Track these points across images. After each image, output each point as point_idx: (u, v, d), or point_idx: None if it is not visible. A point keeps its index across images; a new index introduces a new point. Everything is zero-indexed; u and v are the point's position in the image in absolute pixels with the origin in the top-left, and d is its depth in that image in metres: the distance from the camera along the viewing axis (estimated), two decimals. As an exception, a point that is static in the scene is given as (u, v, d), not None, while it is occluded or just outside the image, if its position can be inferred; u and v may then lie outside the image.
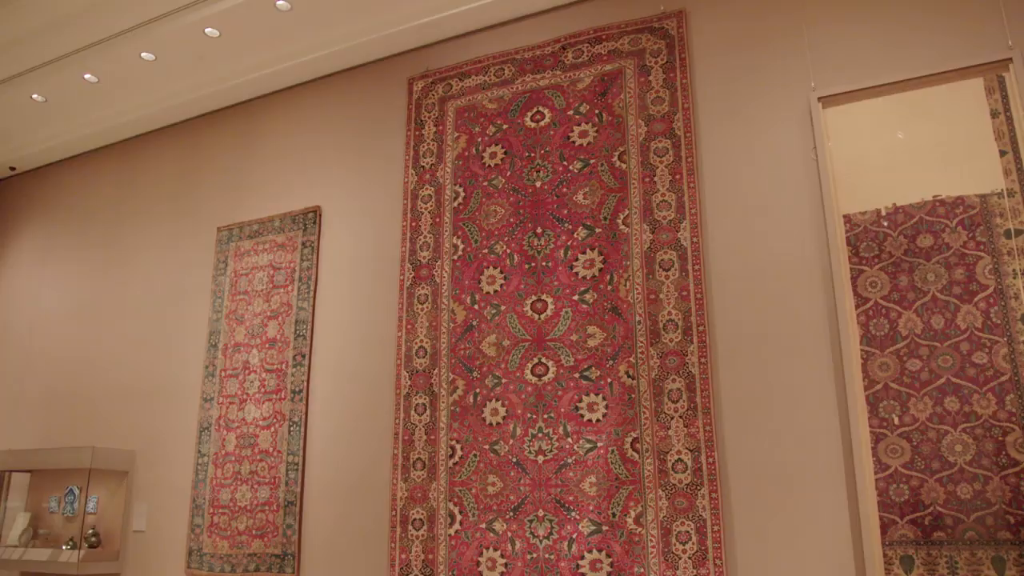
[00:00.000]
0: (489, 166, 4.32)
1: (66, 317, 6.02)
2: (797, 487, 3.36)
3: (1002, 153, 3.29)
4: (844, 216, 3.47)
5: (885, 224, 3.40)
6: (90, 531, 5.19)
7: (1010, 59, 3.31)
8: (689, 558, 3.41)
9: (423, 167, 4.54)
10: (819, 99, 3.60)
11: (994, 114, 3.34)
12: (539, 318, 3.97)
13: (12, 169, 6.67)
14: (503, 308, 4.06)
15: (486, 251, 4.19)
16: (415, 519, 4.03)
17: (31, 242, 6.48)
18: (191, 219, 5.55)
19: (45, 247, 6.37)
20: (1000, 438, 3.05)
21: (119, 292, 5.77)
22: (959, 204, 3.30)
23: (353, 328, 4.61)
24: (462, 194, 4.36)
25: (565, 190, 4.08)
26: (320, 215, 4.92)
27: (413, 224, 4.46)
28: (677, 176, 3.85)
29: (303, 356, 4.69)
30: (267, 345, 4.83)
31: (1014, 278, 3.15)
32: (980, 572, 3.01)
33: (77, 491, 5.39)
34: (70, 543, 5.19)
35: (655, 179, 3.89)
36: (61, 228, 6.31)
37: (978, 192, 3.28)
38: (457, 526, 3.92)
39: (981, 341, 3.15)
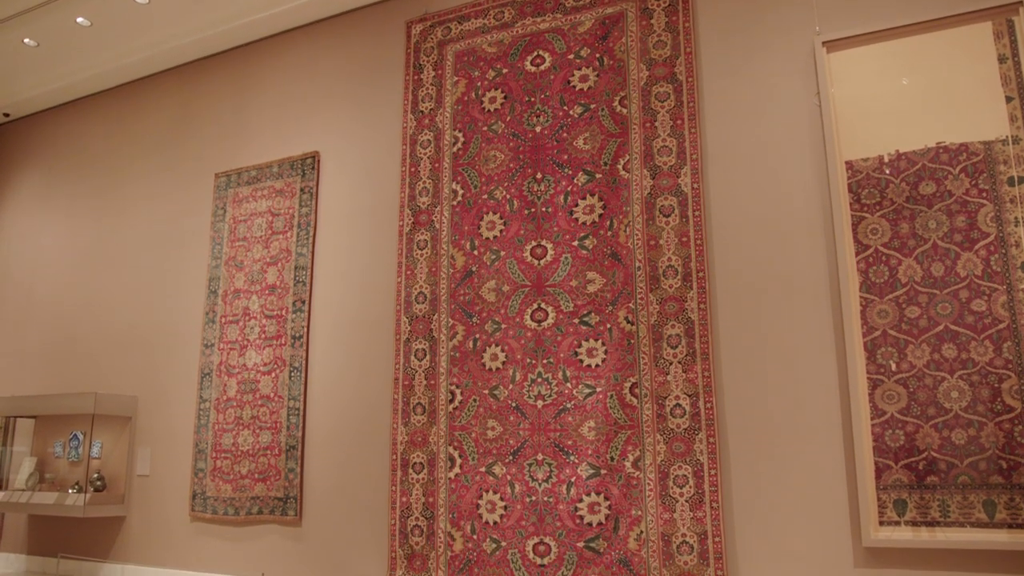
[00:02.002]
0: (489, 111, 4.28)
1: (66, 264, 6.01)
2: (794, 432, 3.40)
3: (1008, 99, 3.25)
4: (846, 162, 3.45)
5: (887, 171, 3.37)
6: (95, 475, 5.25)
7: (1020, 2, 3.25)
8: (686, 501, 3.46)
9: (422, 112, 4.49)
10: (823, 44, 3.55)
11: (1002, 59, 3.29)
12: (539, 264, 3.97)
13: (6, 115, 6.61)
14: (503, 254, 4.06)
15: (485, 196, 4.17)
16: (415, 463, 4.08)
17: (28, 190, 6.45)
18: (188, 165, 5.52)
19: (43, 195, 6.34)
20: (996, 385, 3.07)
21: (118, 239, 5.76)
22: (963, 151, 3.27)
23: (352, 274, 4.61)
24: (461, 139, 4.32)
25: (565, 135, 4.04)
26: (319, 161, 4.88)
27: (412, 169, 4.43)
28: (678, 121, 3.81)
29: (303, 302, 4.69)
30: (267, 291, 4.83)
31: (1015, 226, 3.14)
32: (971, 515, 3.05)
33: (81, 436, 5.45)
34: (76, 487, 5.27)
35: (656, 124, 3.85)
36: (58, 176, 6.28)
37: (982, 139, 3.25)
38: (457, 470, 3.97)
39: (980, 289, 3.15)
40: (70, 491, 5.25)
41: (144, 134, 5.84)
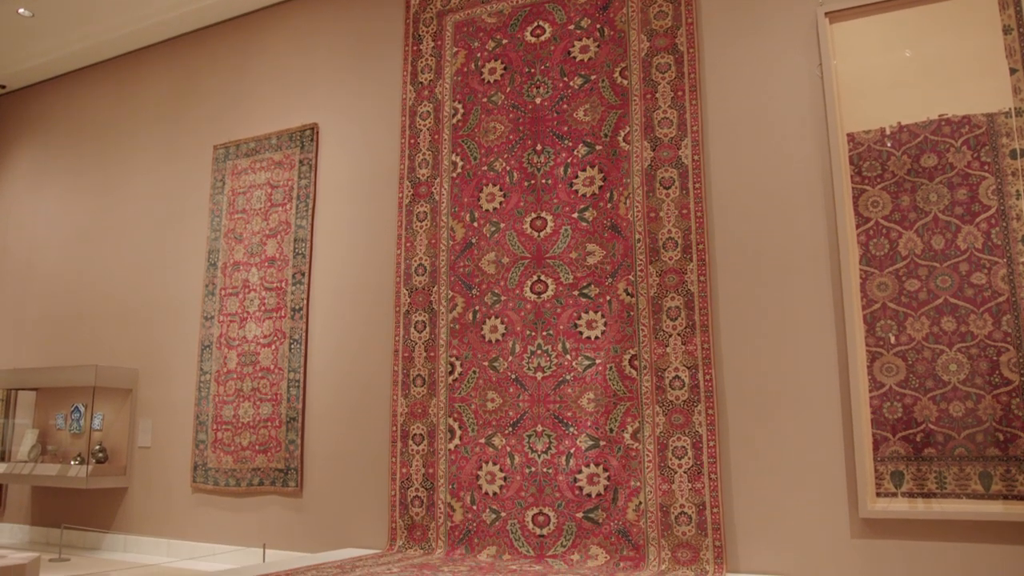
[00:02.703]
0: (488, 82, 4.25)
1: (65, 237, 6.01)
2: (792, 404, 3.41)
3: (1012, 71, 3.22)
4: (847, 135, 3.43)
5: (888, 143, 3.35)
6: (97, 447, 5.28)
7: (1025, -29, 3.22)
8: (685, 472, 3.48)
9: (421, 83, 4.46)
10: (826, 14, 3.52)
11: (1006, 30, 3.26)
12: (538, 236, 3.96)
13: (2, 87, 6.56)
14: (502, 226, 4.05)
15: (485, 168, 4.15)
16: (415, 434, 4.10)
17: (26, 163, 6.42)
18: (187, 137, 5.49)
19: (40, 168, 6.31)
20: (994, 358, 3.08)
21: (117, 211, 5.74)
22: (965, 123, 3.25)
23: (352, 246, 4.60)
24: (461, 110, 4.29)
25: (565, 106, 4.02)
26: (317, 132, 4.86)
27: (411, 141, 4.41)
28: (679, 93, 3.79)
29: (302, 274, 4.69)
30: (266, 263, 4.83)
31: (1016, 199, 3.13)
32: (967, 487, 3.07)
33: (83, 408, 5.47)
34: (78, 459, 5.30)
35: (657, 96, 3.83)
36: (55, 148, 6.25)
37: (985, 111, 3.23)
38: (457, 441, 3.99)
39: (980, 262, 3.14)
40: (72, 463, 5.29)
41: (142, 106, 5.81)
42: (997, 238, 3.13)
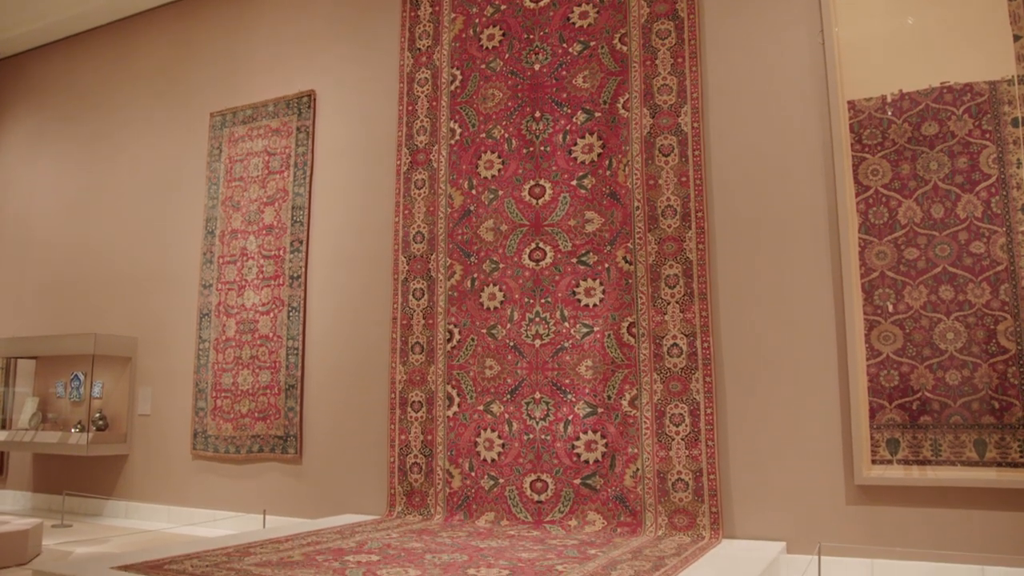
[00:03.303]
0: (487, 48, 4.21)
1: (62, 206, 5.98)
2: (790, 372, 3.42)
3: (1016, 38, 3.19)
4: (848, 102, 3.41)
5: (889, 111, 3.33)
6: (97, 415, 5.31)
7: (1031, -64, 3.18)
8: (682, 440, 3.50)
9: (419, 49, 4.42)
10: (829, -22, 3.48)
11: (1010, -4, 3.23)
12: (537, 203, 3.95)
13: (-2, 53, 6.51)
14: (501, 193, 4.03)
15: (483, 135, 4.13)
16: (414, 401, 4.12)
17: (21, 130, 6.38)
18: (183, 104, 5.45)
19: (35, 136, 6.27)
20: (992, 326, 3.08)
21: (113, 180, 5.72)
22: (967, 91, 3.23)
23: (350, 214, 4.59)
24: (459, 77, 4.26)
25: (564, 73, 3.98)
26: (315, 99, 4.82)
27: (409, 108, 4.38)
28: (679, 59, 3.76)
29: (300, 242, 4.68)
30: (264, 231, 4.82)
31: (1017, 167, 3.12)
32: (962, 454, 3.09)
33: (82, 376, 5.49)
34: (78, 426, 5.32)
35: (656, 62, 3.80)
36: (50, 116, 6.21)
37: (988, 79, 3.21)
38: (455, 408, 4.01)
39: (980, 231, 3.14)
40: (73, 430, 5.31)
41: (138, 72, 5.76)
42: (997, 207, 3.13)
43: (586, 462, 3.66)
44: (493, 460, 3.86)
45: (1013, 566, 2.99)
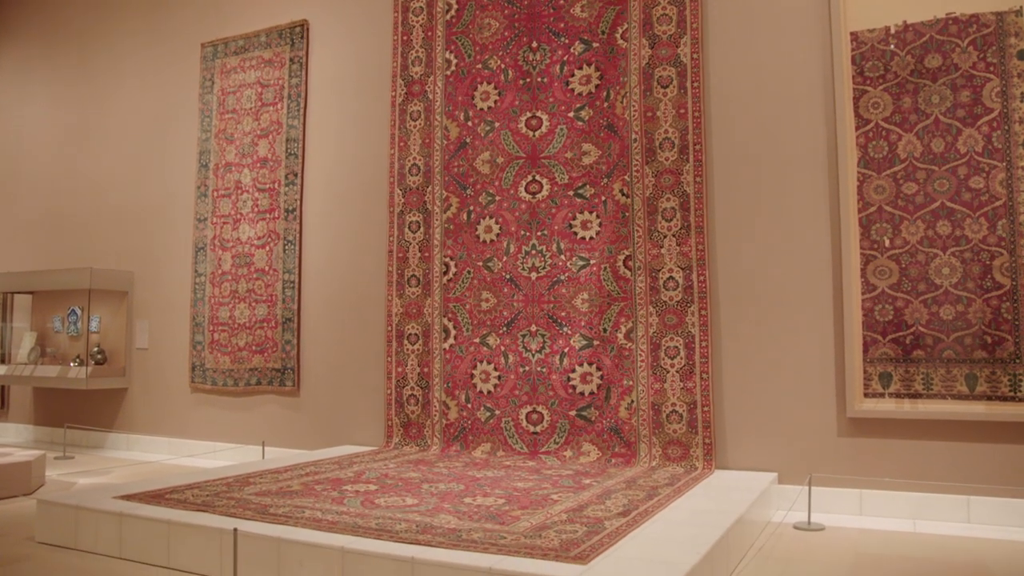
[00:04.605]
0: (484, -24, 4.11)
1: (53, 140, 5.91)
2: (785, 306, 3.43)
3: (1024, -32, 3.12)
4: (851, 33, 3.35)
5: (893, 43, 3.28)
6: (95, 349, 5.33)
7: None
8: (677, 372, 3.53)
9: (415, -23, 4.32)
10: (835, -97, 3.39)
11: (1021, -77, 3.15)
12: (533, 135, 3.90)
13: (-17, -19, 6.34)
14: (497, 125, 3.98)
15: (480, 66, 4.06)
16: (410, 334, 4.14)
17: (8, 63, 6.25)
18: (173, 35, 5.34)
19: (24, 68, 6.15)
20: (988, 262, 3.09)
21: (105, 112, 5.63)
22: (973, 22, 3.17)
23: (345, 146, 4.54)
24: (455, 6, 4.16)
25: (562, 2, 3.90)
26: (308, 29, 4.72)
27: (404, 38, 4.30)
28: (681, -12, 3.68)
29: (295, 175, 4.64)
30: (258, 164, 4.77)
31: (1021, 101, 3.08)
32: (953, 388, 3.12)
33: (79, 311, 5.49)
34: (77, 360, 5.35)
35: (657, -9, 3.72)
36: (37, 51, 6.08)
37: (994, 9, 3.15)
38: (452, 340, 4.03)
39: (980, 166, 3.12)
40: (71, 364, 5.34)
41: (124, 3, 5.62)
42: (998, 142, 3.10)
43: (581, 394, 3.69)
44: (489, 392, 3.89)
45: (997, 496, 3.05)
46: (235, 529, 2.18)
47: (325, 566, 2.20)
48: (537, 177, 3.87)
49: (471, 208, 4.02)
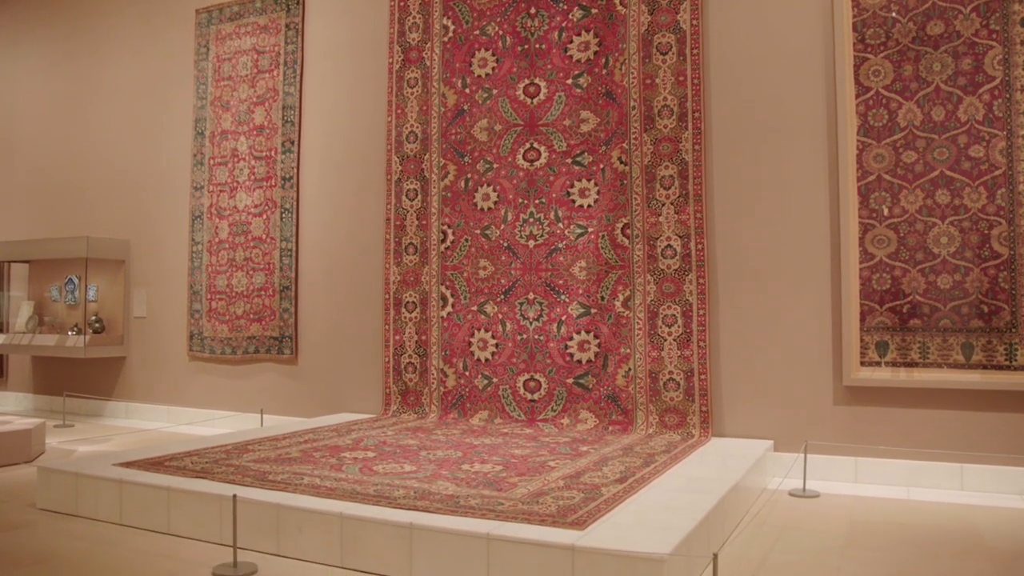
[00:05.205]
0: (482, -60, 4.05)
1: (47, 108, 5.85)
2: (783, 274, 3.43)
3: (1028, -68, 3.08)
4: (852, 0, 3.31)
5: (895, 10, 3.24)
6: (93, 318, 5.33)
7: None
8: (674, 340, 3.54)
9: (411, -59, 4.26)
10: None
11: None
12: (531, 102, 3.87)
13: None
14: (495, 92, 3.95)
15: (477, 32, 4.01)
16: (408, 302, 4.14)
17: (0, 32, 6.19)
18: (167, 0, 5.27)
19: (14, 36, 6.07)
20: (986, 231, 3.08)
21: (98, 81, 5.58)
22: (977, -12, 3.14)
23: (342, 113, 4.51)
24: (453, -29, 4.12)
25: (562, -33, 3.85)
26: (304, -5, 4.67)
27: (401, 4, 4.24)
28: (681, -48, 3.63)
29: (292, 143, 4.61)
30: (255, 132, 4.74)
31: (1023, 69, 3.06)
32: (949, 357, 3.13)
33: (76, 280, 5.48)
34: (75, 329, 5.35)
35: (657, -45, 3.67)
36: (30, 15, 6.00)
37: (998, -25, 3.11)
38: (449, 308, 4.03)
39: (980, 134, 3.10)
40: (69, 333, 5.34)
41: (120, -34, 5.55)
42: (999, 110, 3.08)
43: (579, 362, 3.70)
44: (487, 360, 3.90)
45: (991, 463, 3.07)
46: (234, 496, 2.20)
47: (324, 532, 2.22)
48: (535, 145, 3.85)
49: (469, 176, 4.00)
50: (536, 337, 3.80)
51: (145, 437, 4.46)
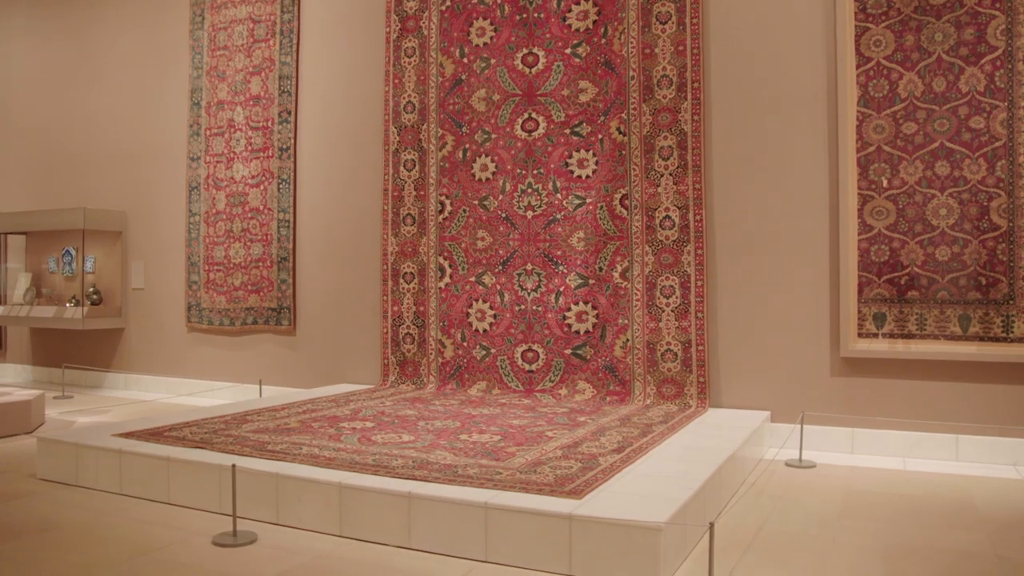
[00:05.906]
0: (480, -93, 4.00)
1: (42, 79, 5.80)
2: (781, 245, 3.43)
3: (1033, -102, 3.04)
4: (855, -33, 3.28)
5: (897, -22, 3.21)
6: (91, 289, 5.32)
7: None
8: (672, 311, 3.54)
9: (409, -93, 4.20)
10: None
11: None
12: (530, 72, 3.84)
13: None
14: (493, 61, 3.92)
15: (475, 1, 3.97)
16: (406, 273, 4.13)
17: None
18: (162, -33, 5.21)
19: (7, 12, 6.00)
20: (985, 203, 3.07)
21: (93, 50, 5.53)
22: (979, -44, 3.10)
23: (339, 83, 4.47)
24: (451, -62, 4.06)
25: (561, -66, 3.80)
26: (300, -38, 4.61)
27: (399, -29, 4.20)
28: (682, -81, 3.58)
29: (288, 113, 4.58)
30: (251, 102, 4.70)
31: (1025, 39, 3.03)
32: (946, 328, 3.14)
33: (74, 252, 5.47)
34: (73, 301, 5.34)
35: (658, -78, 3.62)
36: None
37: (1003, -59, 3.08)
38: (447, 279, 4.02)
39: (981, 105, 3.08)
40: (67, 305, 5.34)
41: (113, -68, 5.48)
42: (1000, 81, 3.06)
43: (577, 332, 3.71)
44: (485, 331, 3.90)
45: (986, 435, 3.09)
46: (233, 465, 2.21)
47: (323, 501, 2.23)
48: (533, 115, 3.82)
49: (467, 146, 3.97)
50: (534, 308, 3.80)
51: (144, 408, 4.47)
